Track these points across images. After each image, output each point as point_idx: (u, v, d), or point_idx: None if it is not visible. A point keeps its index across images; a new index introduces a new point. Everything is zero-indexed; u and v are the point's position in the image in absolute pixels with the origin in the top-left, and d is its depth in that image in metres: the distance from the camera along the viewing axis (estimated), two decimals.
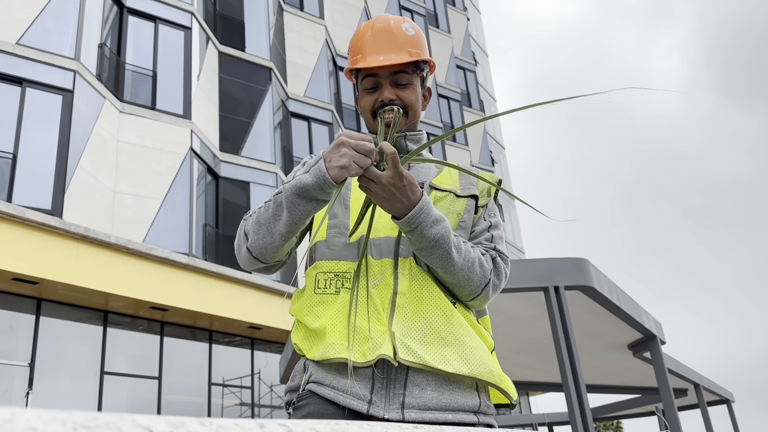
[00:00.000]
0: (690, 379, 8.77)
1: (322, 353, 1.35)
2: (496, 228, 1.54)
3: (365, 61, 1.53)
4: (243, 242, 1.47)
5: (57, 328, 10.10)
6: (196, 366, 12.01)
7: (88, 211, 10.37)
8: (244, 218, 1.51)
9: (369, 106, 1.56)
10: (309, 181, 1.32)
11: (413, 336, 1.34)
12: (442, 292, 1.41)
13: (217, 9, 15.02)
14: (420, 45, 1.56)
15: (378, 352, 1.30)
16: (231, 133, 14.16)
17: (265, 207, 1.43)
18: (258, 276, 12.70)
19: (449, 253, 1.37)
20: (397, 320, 1.35)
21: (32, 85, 10.32)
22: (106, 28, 11.98)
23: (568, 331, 4.33)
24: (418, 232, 1.35)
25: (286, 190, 1.36)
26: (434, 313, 1.37)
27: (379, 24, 1.56)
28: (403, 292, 1.38)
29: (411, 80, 1.55)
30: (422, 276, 1.41)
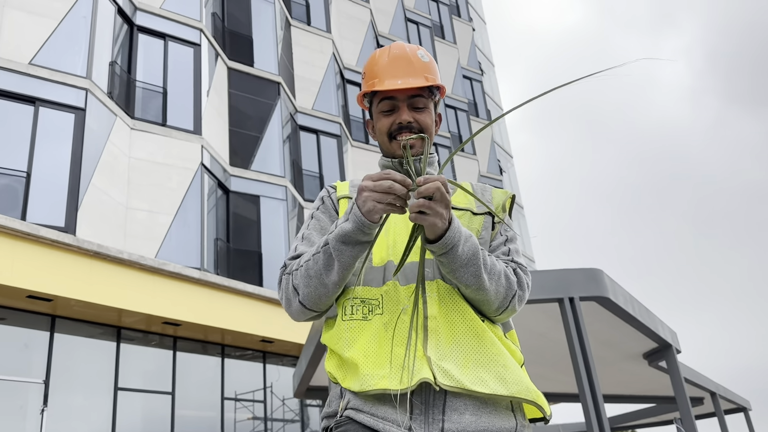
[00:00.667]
0: (706, 387, 8.70)
1: (359, 385, 1.35)
2: (512, 242, 1.56)
3: (383, 84, 1.57)
4: (293, 296, 1.47)
5: (71, 345, 10.15)
6: (208, 380, 12.03)
7: (101, 228, 10.44)
8: (286, 272, 1.51)
9: (386, 128, 1.59)
10: (350, 227, 1.35)
11: (449, 359, 1.35)
12: (472, 312, 1.42)
13: (225, 25, 15.16)
14: (434, 71, 1.62)
15: (418, 377, 1.30)
16: (241, 148, 14.25)
17: (314, 260, 1.43)
18: (269, 289, 12.73)
19: (480, 270, 1.38)
20: (431, 345, 1.36)
21: (45, 103, 10.44)
22: (116, 47, 12.12)
23: (584, 342, 4.32)
24: (453, 252, 1.35)
25: (332, 240, 1.38)
26: (466, 335, 1.39)
27: (396, 50, 1.61)
28: (434, 315, 1.39)
29: (426, 104, 1.60)
30: (450, 297, 1.42)
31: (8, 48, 10.39)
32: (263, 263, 13.49)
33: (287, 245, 13.95)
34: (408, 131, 1.56)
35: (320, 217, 1.61)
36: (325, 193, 1.66)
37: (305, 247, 1.55)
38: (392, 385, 1.31)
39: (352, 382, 1.38)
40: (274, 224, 14.00)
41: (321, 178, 16.39)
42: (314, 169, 16.36)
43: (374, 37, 21.33)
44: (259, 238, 13.67)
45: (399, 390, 1.30)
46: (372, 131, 1.68)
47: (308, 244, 1.56)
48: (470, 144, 26.47)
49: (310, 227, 1.60)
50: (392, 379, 1.32)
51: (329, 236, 1.40)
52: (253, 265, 13.37)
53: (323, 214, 1.62)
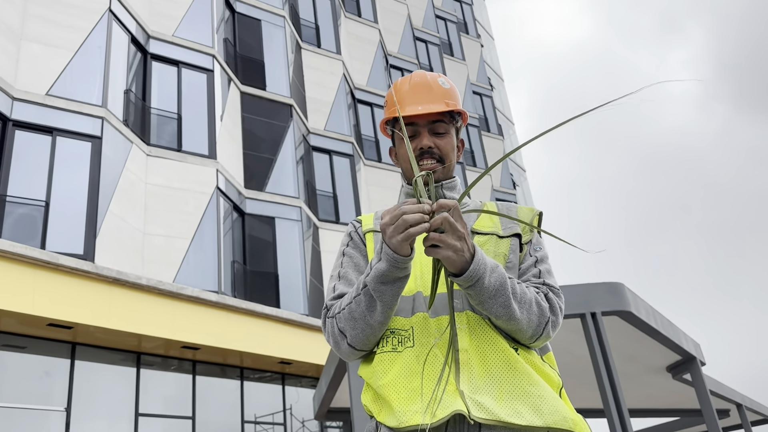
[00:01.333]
0: (732, 399, 8.56)
1: (395, 421, 1.34)
2: (542, 262, 1.54)
3: (404, 110, 1.58)
4: (341, 339, 1.47)
5: (92, 372, 10.20)
6: (228, 404, 12.01)
7: (119, 254, 10.53)
8: (329, 316, 1.51)
9: (407, 154, 1.60)
10: (385, 267, 1.34)
11: (483, 392, 1.33)
12: (504, 341, 1.40)
13: (237, 50, 15.35)
14: (455, 97, 1.63)
15: (451, 409, 1.29)
16: (255, 170, 14.36)
17: (356, 302, 1.42)
18: (286, 311, 12.74)
19: (509, 300, 1.36)
20: (464, 378, 1.34)
21: (62, 133, 10.60)
22: (130, 75, 12.31)
23: (608, 356, 4.28)
24: (480, 285, 1.34)
25: (371, 282, 1.38)
26: (499, 366, 1.37)
27: (417, 78, 1.63)
28: (465, 348, 1.38)
29: (448, 129, 1.61)
30: (481, 328, 1.41)
31: (26, 80, 10.59)
32: (280, 284, 13.52)
33: (303, 266, 13.98)
34: (429, 156, 1.57)
35: (352, 254, 1.62)
36: (352, 228, 1.67)
37: (344, 286, 1.55)
38: (426, 420, 1.30)
39: (388, 418, 1.37)
40: (289, 245, 14.04)
41: (335, 197, 16.46)
42: (328, 189, 16.43)
43: (383, 57, 21.50)
44: (275, 260, 13.71)
45: (430, 424, 1.29)
46: (395, 158, 1.69)
47: (346, 282, 1.56)
48: (482, 159, 26.49)
49: (345, 265, 1.61)
50: (426, 415, 1.31)
51: (367, 279, 1.39)
52: (270, 287, 13.40)
53: (354, 250, 1.62)
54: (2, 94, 10.13)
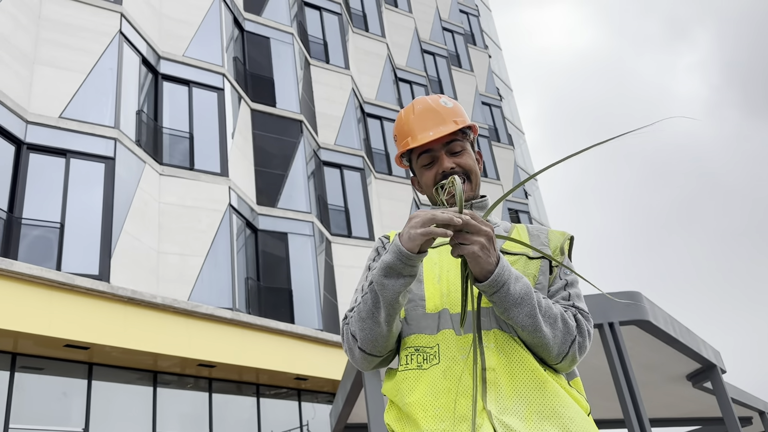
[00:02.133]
0: (755, 407, 8.43)
1: None
2: (572, 286, 1.51)
3: (416, 140, 1.59)
4: (353, 344, 1.47)
5: (109, 392, 10.22)
6: (245, 421, 11.99)
7: (134, 274, 10.59)
8: (345, 322, 1.51)
9: (431, 180, 1.60)
10: (390, 258, 1.34)
11: (511, 412, 1.31)
12: (534, 361, 1.37)
13: (247, 68, 15.48)
14: (462, 114, 1.63)
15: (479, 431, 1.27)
16: (267, 187, 14.43)
17: (363, 301, 1.43)
18: (301, 326, 12.73)
19: (535, 309, 1.34)
20: (491, 397, 1.32)
21: (75, 155, 10.71)
22: (142, 95, 12.44)
23: (627, 366, 4.24)
24: (505, 291, 1.33)
25: (375, 276, 1.37)
26: (528, 386, 1.34)
27: (419, 105, 1.63)
28: (492, 367, 1.36)
29: (464, 146, 1.61)
30: (510, 346, 1.38)
31: (39, 103, 10.73)
32: (294, 300, 13.52)
33: (316, 281, 13.99)
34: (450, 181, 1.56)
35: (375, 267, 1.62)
36: (380, 243, 1.67)
37: None
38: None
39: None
40: (302, 260, 14.06)
41: (347, 211, 16.48)
42: (339, 204, 16.47)
43: (392, 70, 21.60)
44: (288, 275, 13.73)
45: None
46: (419, 187, 1.68)
47: None
48: (493, 169, 26.46)
49: (368, 279, 1.59)
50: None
51: (375, 273, 1.38)
52: (284, 303, 13.41)
53: None
54: (16, 118, 10.27)
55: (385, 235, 1.70)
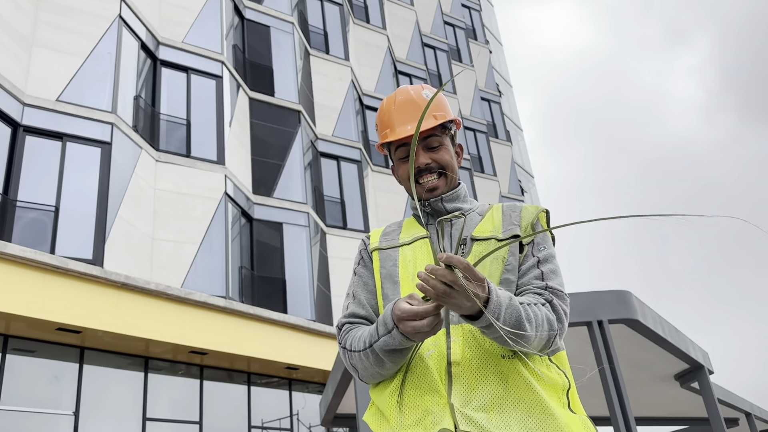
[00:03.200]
0: (741, 408, 8.50)
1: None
2: (546, 262, 1.49)
3: (394, 133, 1.60)
4: (353, 371, 1.50)
5: (100, 376, 10.24)
6: (235, 409, 12.03)
7: (128, 259, 10.59)
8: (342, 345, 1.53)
9: (406, 174, 1.61)
10: (396, 343, 1.35)
11: (474, 406, 1.33)
12: (499, 355, 1.39)
13: (246, 57, 15.44)
14: (443, 107, 1.63)
15: (439, 426, 1.31)
16: (263, 176, 14.42)
17: (365, 355, 1.43)
18: (294, 316, 12.77)
19: (524, 329, 1.33)
20: (455, 391, 1.35)
21: (72, 139, 10.68)
22: (140, 81, 12.40)
23: (614, 365, 4.27)
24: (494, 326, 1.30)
25: (379, 349, 1.38)
26: (492, 379, 1.36)
27: (401, 96, 1.63)
28: (457, 361, 1.38)
29: (442, 141, 1.61)
30: (476, 341, 1.40)
31: (36, 85, 10.69)
32: (287, 290, 13.55)
33: (310, 271, 14.01)
34: (428, 173, 1.59)
35: (362, 273, 1.64)
36: (362, 245, 1.69)
37: (355, 306, 1.59)
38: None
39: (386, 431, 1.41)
40: (297, 251, 14.07)
41: (342, 203, 16.49)
42: (336, 195, 16.47)
43: (392, 63, 21.55)
44: (282, 265, 13.75)
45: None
46: (397, 177, 1.70)
47: (357, 303, 1.60)
48: (490, 164, 26.47)
49: (355, 284, 1.64)
50: (418, 427, 1.34)
51: (375, 345, 1.39)
52: (278, 292, 13.43)
53: (363, 269, 1.65)
54: (13, 100, 10.23)
55: (367, 235, 1.72)
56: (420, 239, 1.58)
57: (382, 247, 1.62)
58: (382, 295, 1.55)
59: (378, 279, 1.59)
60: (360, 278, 1.64)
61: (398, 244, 1.61)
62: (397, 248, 1.60)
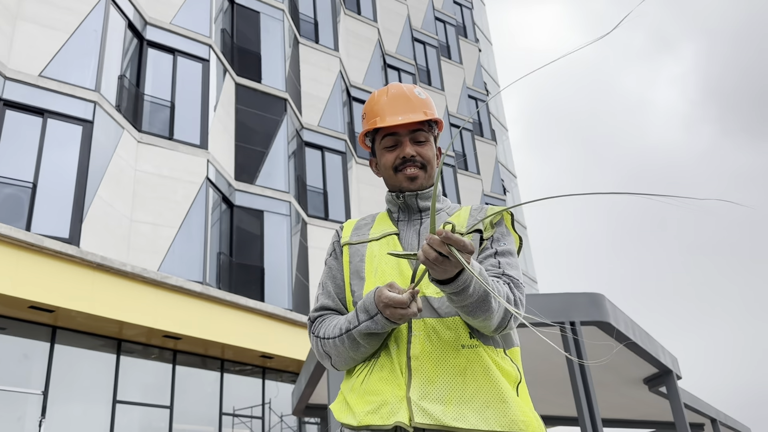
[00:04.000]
0: (707, 414, 8.65)
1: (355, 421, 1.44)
2: (503, 255, 1.56)
3: (384, 121, 1.64)
4: (326, 359, 1.57)
5: (71, 356, 10.15)
6: (207, 395, 11.99)
7: (105, 240, 10.48)
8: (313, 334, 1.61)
9: (390, 163, 1.66)
10: (379, 327, 1.42)
11: (431, 398, 1.38)
12: (459, 347, 1.43)
13: (234, 42, 15.31)
14: (432, 107, 1.70)
15: (395, 419, 1.36)
16: (246, 163, 14.33)
17: (340, 341, 1.50)
18: (271, 305, 12.73)
19: (490, 303, 1.37)
20: (414, 384, 1.40)
21: (53, 115, 10.53)
22: (125, 60, 12.24)
23: (585, 366, 4.33)
24: (464, 293, 1.34)
25: (358, 334, 1.46)
26: (450, 372, 1.41)
27: (394, 90, 1.69)
28: (417, 355, 1.43)
29: (427, 138, 1.67)
30: (436, 335, 1.45)
31: (19, 60, 10.51)
32: (265, 278, 13.50)
33: (290, 261, 13.97)
34: (411, 164, 1.64)
35: (332, 265, 1.70)
36: (336, 237, 1.75)
37: (324, 298, 1.66)
38: (374, 421, 1.39)
39: (347, 418, 1.47)
40: (277, 239, 14.03)
41: (325, 194, 16.45)
42: (318, 186, 16.42)
43: (381, 56, 21.50)
44: (262, 253, 13.69)
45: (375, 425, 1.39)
46: (376, 168, 1.74)
47: (326, 294, 1.66)
48: (474, 163, 26.56)
49: (325, 275, 1.70)
50: (375, 416, 1.40)
51: (355, 330, 1.46)
52: (256, 280, 13.38)
53: (334, 261, 1.70)
54: None
55: (341, 226, 1.77)
56: (388, 235, 1.64)
57: (352, 242, 1.68)
58: (351, 291, 1.61)
59: (347, 274, 1.64)
60: (330, 270, 1.69)
61: (367, 239, 1.66)
62: (365, 243, 1.65)
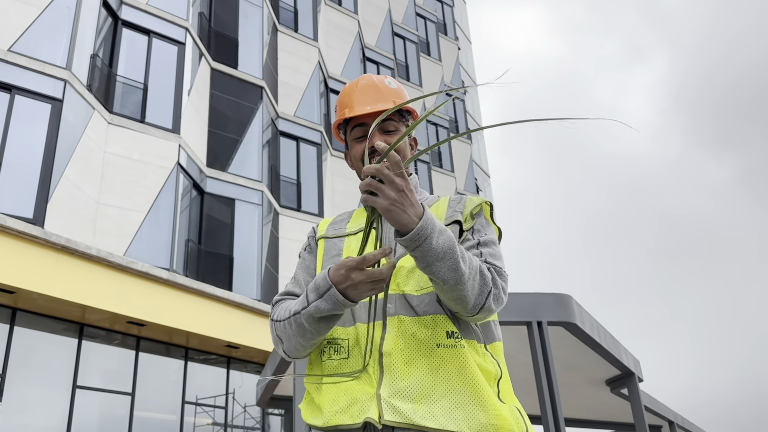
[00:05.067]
0: (665, 416, 8.81)
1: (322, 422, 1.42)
2: (485, 245, 1.51)
3: (353, 111, 1.63)
4: (278, 344, 1.53)
5: (31, 339, 9.93)
6: (170, 383, 11.84)
7: (71, 222, 10.26)
8: (272, 318, 1.57)
9: (359, 154, 1.64)
10: (327, 307, 1.37)
11: (402, 396, 1.35)
12: (432, 346, 1.40)
13: (211, 26, 15.09)
14: (403, 96, 1.67)
15: (365, 416, 1.34)
16: (219, 150, 14.15)
17: (288, 323, 1.47)
18: (239, 294, 12.61)
19: (458, 263, 1.32)
20: (385, 382, 1.37)
21: (21, 92, 10.26)
22: (99, 39, 11.98)
23: (549, 366, 4.35)
24: (428, 245, 1.28)
25: (306, 317, 1.41)
26: (422, 370, 1.38)
27: (364, 81, 1.67)
28: (389, 352, 1.40)
29: (398, 127, 1.63)
30: (409, 331, 1.41)
31: None
32: (234, 267, 13.37)
33: (260, 250, 13.86)
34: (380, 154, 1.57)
35: (305, 257, 1.69)
36: (312, 233, 1.74)
37: (293, 286, 1.64)
38: (344, 420, 1.37)
39: (315, 419, 1.45)
40: (247, 229, 13.89)
41: (299, 185, 16.34)
42: (292, 176, 16.30)
43: (360, 49, 21.41)
44: (231, 242, 13.55)
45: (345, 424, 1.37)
46: (350, 161, 1.72)
47: (295, 283, 1.64)
48: (449, 161, 26.66)
49: (298, 267, 1.70)
50: (345, 415, 1.38)
51: (303, 312, 1.41)
52: (224, 269, 13.24)
53: (308, 255, 1.70)
54: None
55: (317, 224, 1.77)
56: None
57: (329, 236, 1.67)
58: None
59: (320, 264, 1.62)
60: (303, 261, 1.69)
61: (344, 233, 1.64)
62: (342, 237, 1.63)
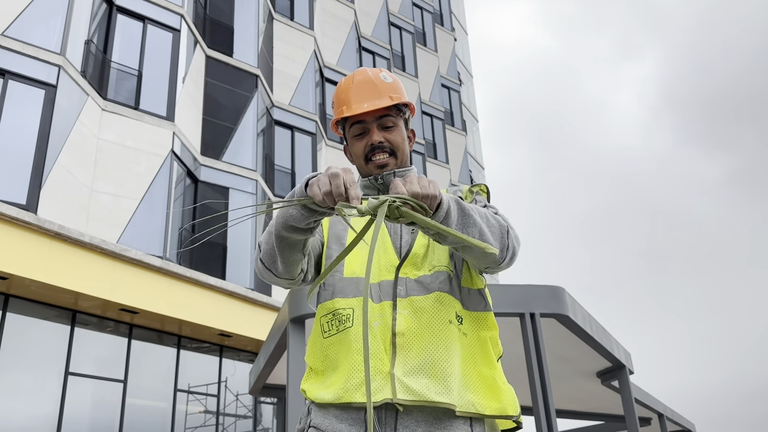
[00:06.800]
0: (655, 408, 8.88)
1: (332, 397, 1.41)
2: (491, 209, 1.58)
3: (351, 109, 1.63)
4: (257, 253, 1.53)
5: (23, 326, 9.91)
6: (162, 371, 11.85)
7: (64, 209, 10.23)
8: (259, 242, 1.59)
9: (360, 151, 1.65)
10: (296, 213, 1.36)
11: (417, 372, 1.38)
12: (445, 323, 1.44)
13: (207, 13, 14.99)
14: (399, 90, 1.68)
15: (381, 396, 1.36)
16: (213, 138, 14.10)
17: (267, 233, 1.50)
18: (232, 283, 12.61)
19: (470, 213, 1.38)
20: (398, 361, 1.39)
21: (15, 77, 10.19)
22: (93, 25, 11.89)
23: (542, 357, 4.39)
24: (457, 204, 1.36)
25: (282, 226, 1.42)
26: (435, 347, 1.41)
27: (359, 76, 1.68)
28: (402, 332, 1.42)
29: (396, 122, 1.66)
30: (422, 313, 1.44)
31: None
32: (227, 256, 13.36)
33: (254, 239, 13.85)
34: (380, 151, 1.63)
35: None
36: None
37: None
38: (359, 398, 1.37)
39: (326, 393, 1.43)
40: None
41: (293, 174, 16.31)
42: (287, 165, 16.27)
43: (356, 38, 21.33)
44: (225, 231, 13.54)
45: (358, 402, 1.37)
46: (350, 156, 1.73)
47: None
48: (443, 152, 26.65)
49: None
50: (358, 392, 1.38)
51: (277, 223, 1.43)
52: (217, 258, 13.23)
53: None
54: None
55: None
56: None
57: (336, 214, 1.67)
58: (326, 255, 1.61)
59: (326, 235, 1.64)
60: None
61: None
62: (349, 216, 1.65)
